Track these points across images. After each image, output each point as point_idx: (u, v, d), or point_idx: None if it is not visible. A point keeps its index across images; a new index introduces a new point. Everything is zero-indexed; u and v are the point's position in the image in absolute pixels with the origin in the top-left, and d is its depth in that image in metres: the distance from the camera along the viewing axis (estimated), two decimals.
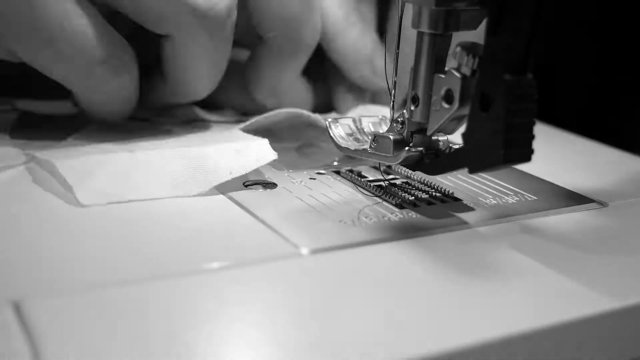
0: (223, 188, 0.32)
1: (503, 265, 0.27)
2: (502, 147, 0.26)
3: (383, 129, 0.33)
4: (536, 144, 0.27)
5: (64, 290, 0.23)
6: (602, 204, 0.33)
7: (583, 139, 0.45)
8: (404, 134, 0.31)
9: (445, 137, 0.31)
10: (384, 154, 0.31)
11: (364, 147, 0.32)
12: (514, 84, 0.26)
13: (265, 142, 0.34)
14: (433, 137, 0.31)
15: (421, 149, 0.30)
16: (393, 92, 0.32)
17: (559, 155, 0.41)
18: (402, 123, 0.31)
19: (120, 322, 0.22)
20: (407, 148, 0.30)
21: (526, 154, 0.26)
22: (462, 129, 0.28)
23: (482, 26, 0.28)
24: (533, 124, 0.26)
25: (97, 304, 0.22)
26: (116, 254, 0.26)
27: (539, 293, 0.25)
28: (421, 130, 0.30)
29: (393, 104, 0.32)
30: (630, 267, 0.27)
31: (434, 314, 0.23)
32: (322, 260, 0.26)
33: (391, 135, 0.31)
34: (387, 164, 0.32)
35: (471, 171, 0.28)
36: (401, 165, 0.31)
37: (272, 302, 0.24)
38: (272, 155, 0.33)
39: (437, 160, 0.30)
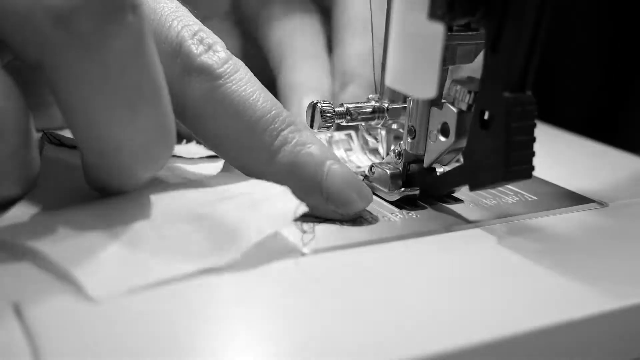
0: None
1: (503, 265, 0.27)
2: (503, 165, 0.26)
3: (382, 135, 0.34)
4: (536, 145, 0.27)
5: (64, 291, 0.23)
6: (602, 204, 0.33)
7: (583, 139, 0.45)
8: (400, 166, 0.31)
9: (442, 169, 0.31)
10: (380, 187, 0.32)
11: (362, 170, 0.33)
12: (514, 101, 0.26)
13: (284, 190, 0.27)
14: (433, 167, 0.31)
15: (417, 190, 0.31)
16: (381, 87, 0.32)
17: (559, 155, 0.41)
18: (399, 154, 0.31)
19: (120, 322, 0.22)
20: (402, 189, 0.31)
21: (526, 171, 0.27)
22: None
23: (478, 60, 0.28)
24: (533, 140, 0.27)
25: (97, 304, 0.22)
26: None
27: (539, 293, 0.25)
28: (418, 160, 0.31)
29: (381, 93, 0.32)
30: (630, 267, 0.27)
31: (434, 314, 0.23)
32: (322, 260, 0.26)
33: (387, 169, 0.31)
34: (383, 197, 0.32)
35: (472, 189, 0.28)
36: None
37: (272, 302, 0.24)
38: (298, 206, 0.27)
39: (438, 179, 0.31)
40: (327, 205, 0.29)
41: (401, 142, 0.31)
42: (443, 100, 0.29)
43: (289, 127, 0.29)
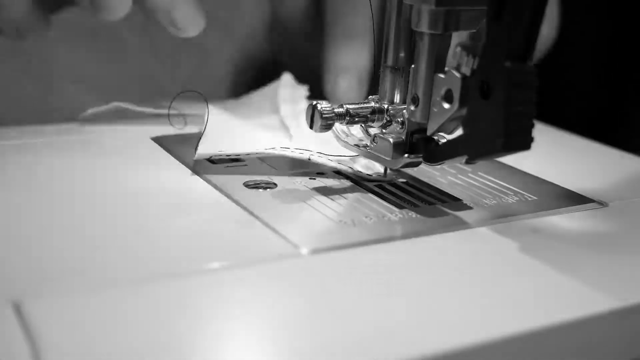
0: (223, 187, 0.32)
1: (503, 265, 0.27)
2: (502, 135, 0.26)
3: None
4: (536, 144, 0.27)
5: (63, 290, 0.23)
6: (602, 204, 0.33)
7: (583, 139, 0.45)
8: (403, 135, 0.31)
9: (445, 139, 0.31)
10: (382, 156, 0.31)
11: (364, 143, 0.32)
12: (515, 71, 0.26)
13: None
14: (433, 137, 0.31)
15: (421, 157, 0.31)
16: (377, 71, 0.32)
17: (559, 155, 0.41)
18: (402, 123, 0.31)
19: (120, 322, 0.22)
20: (406, 155, 0.30)
21: (526, 142, 0.26)
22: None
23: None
24: (534, 111, 0.26)
25: (97, 304, 0.22)
26: (116, 254, 0.26)
27: (539, 293, 0.25)
28: (421, 130, 0.30)
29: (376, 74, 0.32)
30: (630, 267, 0.27)
31: (434, 314, 0.23)
32: (322, 260, 0.26)
33: (391, 137, 0.31)
34: (386, 165, 0.32)
35: (470, 159, 0.28)
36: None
37: (272, 302, 0.24)
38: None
39: (437, 148, 0.30)
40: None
41: (404, 110, 0.31)
42: (447, 68, 0.29)
43: None
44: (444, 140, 0.31)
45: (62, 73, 0.46)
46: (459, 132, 0.29)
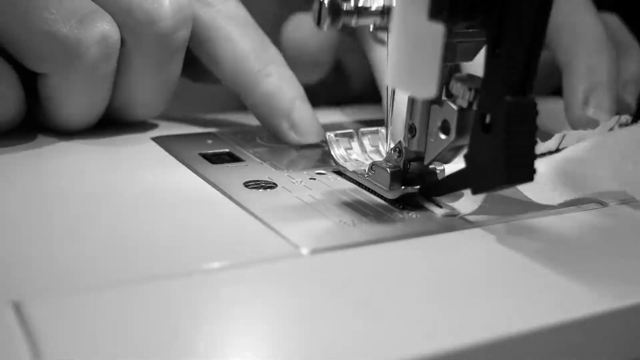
0: (223, 187, 0.32)
1: (503, 266, 0.27)
2: (504, 169, 0.26)
3: (383, 142, 0.34)
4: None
5: (64, 290, 0.23)
6: (602, 204, 0.33)
7: None
8: (401, 164, 0.31)
9: (442, 167, 0.31)
10: (380, 185, 0.31)
11: (362, 168, 0.33)
12: (515, 105, 0.26)
13: None
14: (430, 166, 0.31)
15: (417, 187, 0.31)
16: (390, 114, 0.32)
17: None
18: (399, 152, 0.31)
19: (121, 322, 0.22)
20: (403, 187, 0.31)
21: (529, 174, 0.27)
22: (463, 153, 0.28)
23: (479, 56, 0.28)
24: (535, 144, 0.27)
25: (97, 304, 0.22)
26: (116, 254, 0.26)
27: (539, 293, 0.25)
28: (418, 158, 0.31)
29: (389, 122, 0.32)
30: (630, 267, 0.27)
31: (434, 314, 0.23)
32: (322, 260, 0.26)
33: (388, 167, 0.31)
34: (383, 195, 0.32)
35: (474, 192, 0.28)
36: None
37: (272, 302, 0.24)
38: None
39: (440, 181, 0.31)
40: (289, 132, 0.38)
41: (401, 140, 0.31)
42: (443, 98, 0.29)
43: (274, 62, 0.38)
44: (441, 169, 0.32)
45: None
46: (457, 160, 0.29)
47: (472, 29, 0.28)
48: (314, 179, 0.34)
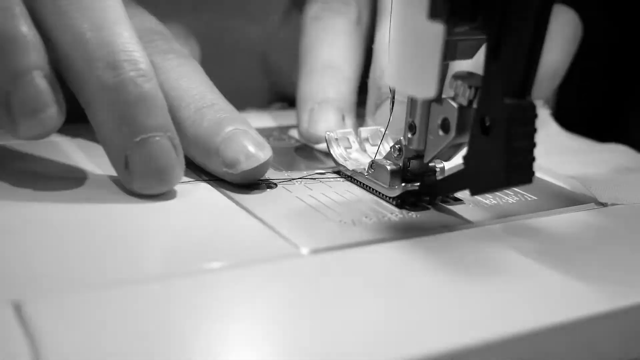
0: (223, 187, 0.32)
1: (503, 265, 0.27)
2: (504, 171, 0.26)
3: (383, 142, 0.34)
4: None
5: (64, 290, 0.23)
6: (602, 204, 0.33)
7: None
8: (400, 162, 0.31)
9: (442, 164, 0.31)
10: (380, 183, 0.31)
11: (362, 167, 0.33)
12: (515, 107, 0.26)
13: None
14: (430, 164, 0.31)
15: (417, 184, 0.31)
16: (391, 107, 0.32)
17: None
18: (400, 150, 0.31)
19: (120, 322, 0.22)
20: (403, 184, 0.31)
21: (527, 176, 0.27)
22: (462, 152, 0.28)
23: (479, 54, 0.28)
24: (534, 146, 0.27)
25: (98, 304, 0.22)
26: (116, 254, 0.26)
27: (539, 293, 0.25)
28: (418, 156, 0.31)
29: (391, 114, 0.32)
30: (630, 267, 0.27)
31: (434, 314, 0.23)
32: (322, 260, 0.26)
33: (388, 165, 0.31)
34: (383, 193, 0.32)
35: (472, 193, 0.28)
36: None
37: (272, 302, 0.24)
38: None
39: (439, 182, 0.31)
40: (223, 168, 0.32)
41: (401, 138, 0.31)
42: (443, 96, 0.29)
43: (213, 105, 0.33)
44: (440, 166, 0.32)
45: None
46: (456, 159, 0.29)
47: (472, 30, 0.28)
48: (314, 179, 0.34)
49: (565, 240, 0.29)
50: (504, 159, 0.26)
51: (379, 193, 0.32)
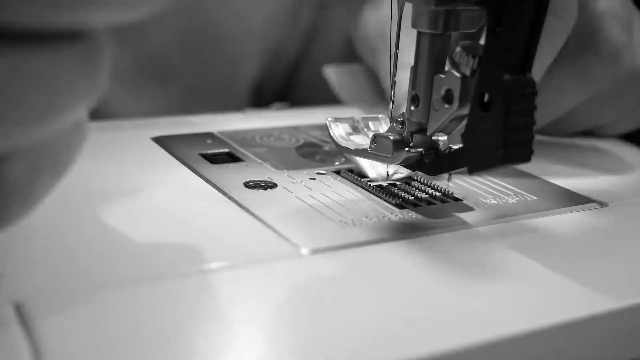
0: (223, 187, 0.32)
1: (503, 265, 0.27)
2: (502, 148, 0.26)
3: (383, 127, 0.34)
4: (537, 144, 0.27)
5: (64, 291, 0.23)
6: (602, 204, 0.33)
7: (584, 139, 0.45)
8: (404, 134, 0.31)
9: (445, 137, 0.31)
10: (383, 155, 0.31)
11: (364, 146, 0.32)
12: (514, 84, 0.26)
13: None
14: (433, 137, 0.31)
15: (421, 149, 0.30)
16: (392, 92, 0.32)
17: (559, 154, 0.41)
18: (402, 123, 0.31)
19: (121, 322, 0.22)
20: (406, 149, 0.30)
21: (526, 154, 0.26)
22: (462, 129, 0.28)
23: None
24: (533, 123, 0.26)
25: (98, 304, 0.22)
26: (117, 254, 0.26)
27: (539, 293, 0.25)
28: (421, 130, 0.30)
29: (392, 103, 0.32)
30: (630, 267, 0.28)
31: (434, 314, 0.23)
32: (322, 260, 0.26)
33: (391, 135, 0.31)
34: (387, 163, 0.32)
35: (470, 171, 0.28)
36: (401, 165, 0.31)
37: (272, 302, 0.24)
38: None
39: (437, 160, 0.30)
40: None
41: (404, 110, 0.31)
42: (446, 69, 0.29)
43: None
44: (444, 142, 0.31)
45: None
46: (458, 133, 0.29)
47: (472, 7, 0.28)
48: (314, 179, 0.34)
49: (565, 240, 0.29)
50: (502, 136, 0.26)
51: (379, 193, 0.32)
